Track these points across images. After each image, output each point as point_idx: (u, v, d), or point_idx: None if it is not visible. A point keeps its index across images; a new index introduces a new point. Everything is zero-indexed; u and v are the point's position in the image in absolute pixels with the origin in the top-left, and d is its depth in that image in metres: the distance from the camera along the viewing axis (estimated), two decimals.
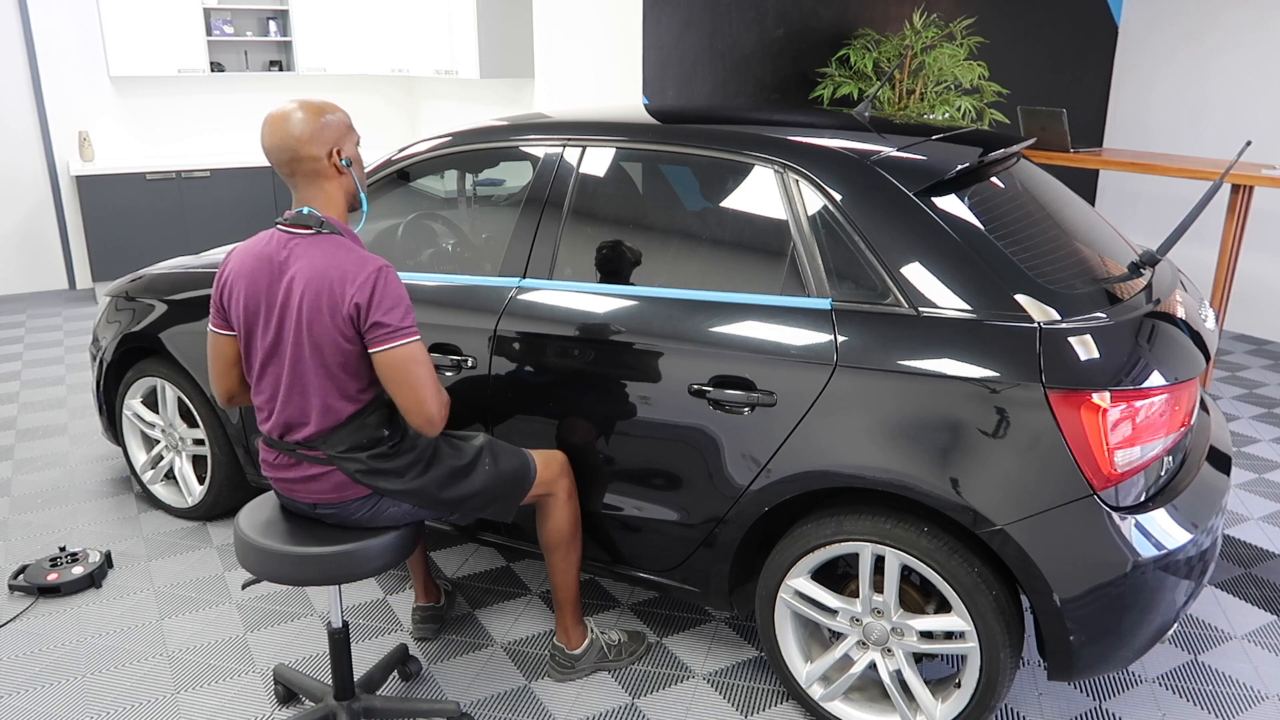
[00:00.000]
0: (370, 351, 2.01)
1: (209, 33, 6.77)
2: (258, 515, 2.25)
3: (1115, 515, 2.00)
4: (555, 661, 2.65)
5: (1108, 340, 2.03)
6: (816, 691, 2.43)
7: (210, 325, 2.20)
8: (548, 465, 2.42)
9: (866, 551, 2.22)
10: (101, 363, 3.56)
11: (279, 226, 2.08)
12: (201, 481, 3.52)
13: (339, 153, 2.07)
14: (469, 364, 2.62)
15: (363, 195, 2.18)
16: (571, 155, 2.62)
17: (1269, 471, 3.96)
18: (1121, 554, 2.00)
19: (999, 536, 2.04)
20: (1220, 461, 2.41)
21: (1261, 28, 5.67)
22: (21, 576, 3.10)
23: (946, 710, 2.28)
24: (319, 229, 2.04)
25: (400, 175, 2.92)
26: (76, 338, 5.83)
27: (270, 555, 2.13)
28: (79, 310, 6.44)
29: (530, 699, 2.59)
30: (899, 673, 2.30)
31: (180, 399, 3.41)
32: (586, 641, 2.65)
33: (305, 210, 2.06)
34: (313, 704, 2.51)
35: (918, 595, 2.28)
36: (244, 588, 2.98)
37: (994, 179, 2.44)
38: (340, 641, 2.33)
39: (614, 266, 2.52)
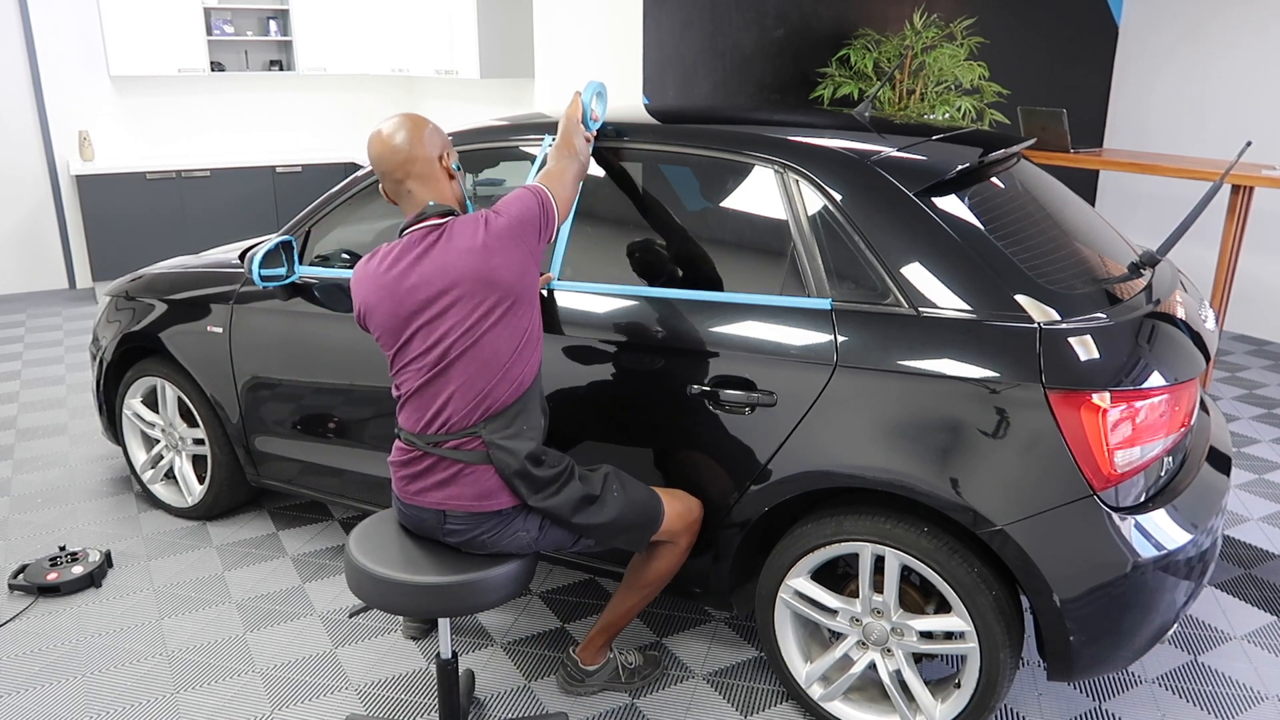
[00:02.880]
0: (536, 207, 2.07)
1: (209, 32, 6.77)
2: (370, 539, 2.16)
3: (1115, 515, 2.00)
4: (567, 672, 2.60)
5: (1108, 340, 2.03)
6: (816, 691, 2.43)
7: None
8: (686, 514, 2.33)
9: (866, 552, 2.22)
10: (101, 362, 3.56)
11: (405, 232, 2.07)
12: (201, 481, 3.52)
13: (449, 156, 2.12)
14: None
15: (470, 205, 2.22)
16: None
17: (1269, 472, 3.96)
18: (1121, 554, 2.00)
19: (999, 537, 2.04)
20: (1220, 462, 2.41)
21: (1262, 28, 5.67)
22: (21, 576, 3.10)
23: (946, 710, 2.28)
24: (446, 215, 2.06)
25: None
26: (76, 338, 5.83)
27: (388, 584, 2.02)
28: (79, 310, 6.44)
29: (530, 699, 2.59)
30: (899, 673, 2.30)
31: (180, 399, 3.41)
32: (604, 661, 2.60)
33: (432, 204, 2.07)
34: None
35: (918, 595, 2.28)
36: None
37: (994, 179, 2.44)
38: (450, 673, 2.24)
39: (614, 266, 2.51)
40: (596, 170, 2.59)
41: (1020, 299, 2.06)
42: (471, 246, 2.00)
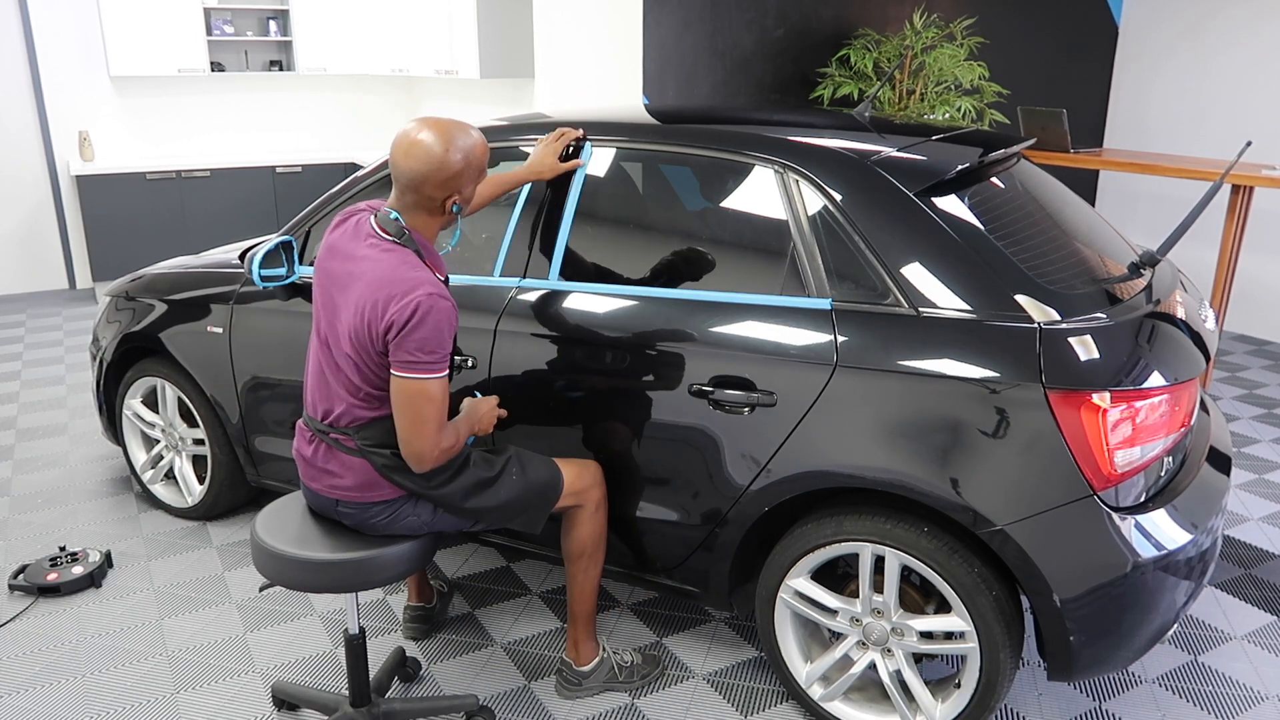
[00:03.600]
0: (391, 371, 2.01)
1: (209, 32, 6.77)
2: (274, 519, 2.25)
3: (1115, 515, 2.00)
4: (562, 678, 2.59)
5: (1108, 340, 2.03)
6: (816, 691, 2.43)
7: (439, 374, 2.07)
8: (580, 475, 2.38)
9: (866, 552, 2.22)
10: (101, 362, 3.56)
11: (371, 218, 2.08)
12: (201, 481, 3.52)
13: (456, 197, 2.06)
14: (469, 364, 2.62)
15: (458, 232, 2.29)
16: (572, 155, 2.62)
17: (1269, 472, 3.96)
18: (1121, 554, 2.00)
19: (999, 537, 2.04)
20: (1220, 462, 2.41)
21: (1261, 28, 5.67)
22: (21, 576, 3.10)
23: (946, 710, 2.28)
24: (398, 240, 2.04)
25: None
26: (76, 338, 5.83)
27: (284, 560, 2.12)
28: (79, 310, 6.44)
29: (530, 699, 2.59)
30: (899, 673, 2.30)
31: (180, 399, 3.41)
32: (596, 659, 2.58)
33: (393, 216, 2.05)
34: (325, 716, 2.48)
35: (918, 595, 2.28)
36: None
37: (994, 179, 2.44)
38: (358, 647, 2.30)
39: (614, 266, 2.51)
40: (597, 170, 2.59)
41: (1020, 299, 2.06)
42: (380, 283, 1.97)
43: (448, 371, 2.02)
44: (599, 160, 2.59)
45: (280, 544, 2.14)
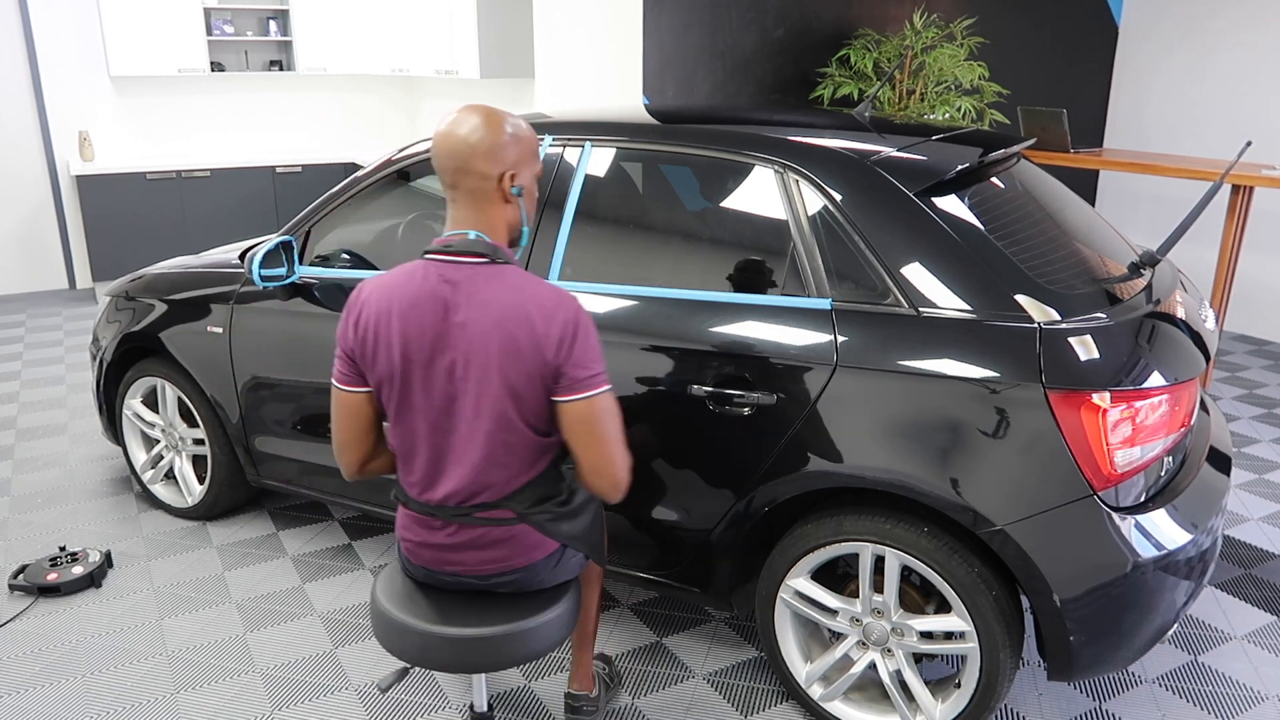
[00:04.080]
0: (558, 400, 1.78)
1: (209, 32, 6.76)
2: (394, 585, 2.00)
3: (1115, 515, 2.00)
4: (576, 708, 2.40)
5: (1108, 340, 2.03)
6: (816, 691, 2.43)
7: (336, 382, 1.88)
8: None
9: (866, 552, 2.22)
10: (101, 362, 3.56)
11: (431, 256, 1.80)
12: (201, 481, 3.52)
13: (512, 177, 1.81)
14: None
15: (525, 229, 1.92)
16: (572, 155, 2.62)
17: (1269, 472, 3.96)
18: (1121, 554, 2.00)
19: (999, 537, 2.04)
20: (1220, 462, 2.41)
21: (1261, 28, 5.67)
22: (21, 576, 3.10)
23: (946, 710, 2.28)
24: (494, 258, 1.79)
25: (400, 175, 2.93)
26: (76, 338, 5.83)
27: (430, 639, 1.85)
28: (79, 310, 6.44)
29: (530, 699, 2.59)
30: (899, 673, 2.30)
31: (180, 399, 3.41)
32: (597, 682, 2.47)
33: (473, 235, 1.79)
34: None
35: (918, 595, 2.28)
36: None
37: (994, 179, 2.44)
38: None
39: (614, 266, 2.51)
40: (598, 170, 2.59)
41: (1020, 299, 2.06)
42: (515, 310, 1.74)
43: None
44: (599, 160, 2.59)
45: (417, 619, 1.87)
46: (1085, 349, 2.00)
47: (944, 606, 2.24)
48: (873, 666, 2.34)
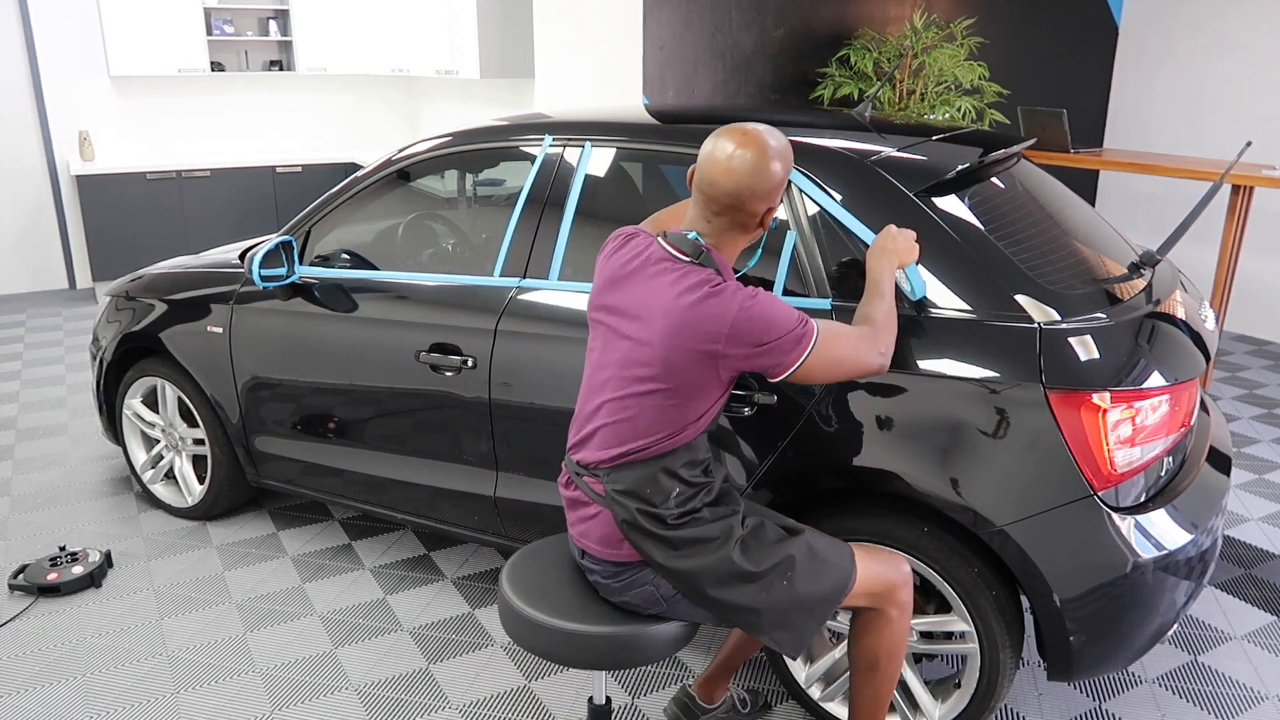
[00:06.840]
0: (775, 380, 1.83)
1: (209, 32, 6.77)
2: (524, 571, 2.02)
3: (1115, 516, 2.00)
4: (682, 707, 2.39)
5: (1108, 341, 2.03)
6: (816, 692, 2.43)
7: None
8: (881, 574, 1.94)
9: None
10: (101, 362, 3.56)
11: (662, 241, 1.89)
12: (201, 481, 3.52)
13: (770, 212, 1.86)
14: (469, 364, 2.62)
15: (759, 251, 2.10)
16: (572, 155, 2.62)
17: (1269, 472, 3.96)
18: (1121, 554, 2.00)
19: (999, 537, 2.03)
20: (1220, 462, 2.41)
21: (1261, 28, 5.67)
22: (21, 576, 3.10)
23: (946, 710, 2.28)
24: (695, 259, 1.83)
25: (400, 175, 2.93)
26: (76, 338, 5.83)
27: (539, 629, 1.88)
28: (79, 310, 6.44)
29: (531, 699, 2.59)
30: None
31: (180, 399, 3.41)
32: (722, 698, 2.42)
33: (692, 236, 1.85)
34: None
35: (918, 595, 2.28)
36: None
37: (994, 179, 2.44)
38: (603, 716, 2.13)
39: None
40: (598, 170, 2.59)
41: (1020, 299, 2.06)
42: (685, 311, 1.77)
43: (808, 320, 1.82)
44: (599, 160, 2.58)
45: (529, 605, 1.90)
46: (1085, 349, 2.00)
47: (944, 607, 2.24)
48: None
